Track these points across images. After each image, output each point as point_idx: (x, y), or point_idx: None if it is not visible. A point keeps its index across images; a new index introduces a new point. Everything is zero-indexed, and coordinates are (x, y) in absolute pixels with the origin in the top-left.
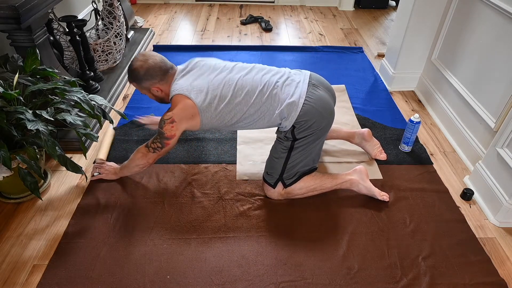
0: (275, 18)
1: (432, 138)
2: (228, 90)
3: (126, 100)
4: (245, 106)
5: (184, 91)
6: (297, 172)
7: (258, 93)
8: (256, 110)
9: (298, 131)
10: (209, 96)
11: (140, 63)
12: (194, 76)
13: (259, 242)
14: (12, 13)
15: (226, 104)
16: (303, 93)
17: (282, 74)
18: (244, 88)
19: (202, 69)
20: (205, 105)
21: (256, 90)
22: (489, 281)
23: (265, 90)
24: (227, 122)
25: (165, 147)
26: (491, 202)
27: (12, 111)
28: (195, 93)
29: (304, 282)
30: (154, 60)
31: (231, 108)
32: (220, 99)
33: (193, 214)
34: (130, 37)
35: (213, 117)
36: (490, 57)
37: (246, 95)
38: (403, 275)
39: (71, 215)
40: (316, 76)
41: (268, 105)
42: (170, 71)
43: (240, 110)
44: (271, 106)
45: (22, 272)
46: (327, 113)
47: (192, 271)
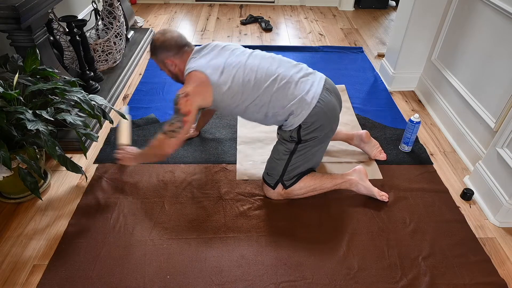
0: (275, 18)
1: (432, 138)
2: (243, 73)
3: (126, 100)
4: (257, 92)
5: (199, 68)
6: (297, 174)
7: (271, 81)
8: (267, 99)
9: (304, 132)
10: (224, 75)
11: (158, 35)
12: (211, 56)
13: (259, 242)
14: (12, 13)
15: (239, 86)
16: (317, 94)
17: (299, 70)
18: (259, 74)
19: (220, 51)
20: (219, 82)
21: (270, 79)
22: (489, 281)
23: (279, 80)
24: (238, 106)
25: (183, 126)
26: (491, 202)
27: (12, 111)
28: (210, 70)
29: (304, 282)
30: (171, 34)
31: (243, 90)
32: (234, 80)
33: (193, 214)
34: (130, 37)
35: (225, 96)
36: (490, 57)
37: (259, 81)
38: (403, 275)
39: (71, 215)
40: (330, 81)
41: (279, 96)
42: (186, 48)
43: (251, 95)
44: (282, 98)
45: (22, 272)
46: (334, 120)
47: (192, 271)
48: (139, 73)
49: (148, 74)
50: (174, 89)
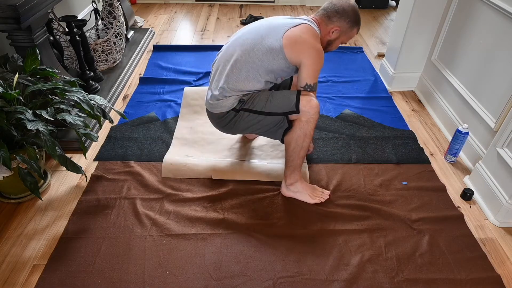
0: None
1: (432, 138)
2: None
3: (126, 100)
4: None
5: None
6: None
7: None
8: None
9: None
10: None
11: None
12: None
13: (258, 238)
14: (12, 13)
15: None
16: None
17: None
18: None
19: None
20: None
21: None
22: (485, 277)
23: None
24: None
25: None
26: (491, 202)
27: (12, 111)
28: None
29: (302, 277)
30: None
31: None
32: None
33: (192, 211)
34: (130, 37)
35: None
36: (490, 57)
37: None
38: (400, 271)
39: (71, 214)
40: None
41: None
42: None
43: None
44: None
45: (22, 272)
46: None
47: (191, 266)
48: (139, 73)
49: (148, 74)
50: (174, 89)
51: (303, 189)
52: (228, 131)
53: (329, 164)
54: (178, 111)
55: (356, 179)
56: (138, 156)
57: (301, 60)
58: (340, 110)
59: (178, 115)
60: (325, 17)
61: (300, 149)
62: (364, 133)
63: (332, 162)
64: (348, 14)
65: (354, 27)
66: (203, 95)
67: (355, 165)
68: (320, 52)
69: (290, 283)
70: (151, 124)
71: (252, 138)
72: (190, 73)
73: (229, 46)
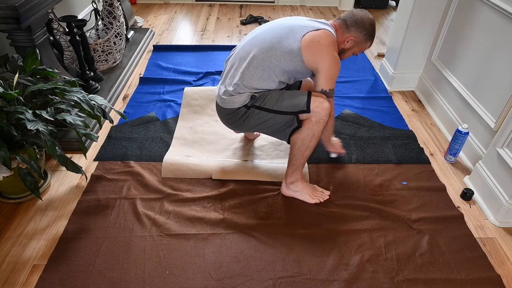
0: (275, 18)
1: (432, 138)
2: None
3: (126, 100)
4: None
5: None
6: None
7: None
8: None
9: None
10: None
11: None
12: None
13: (258, 238)
14: (12, 13)
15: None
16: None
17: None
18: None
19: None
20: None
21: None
22: (485, 276)
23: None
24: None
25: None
26: (491, 202)
27: (12, 111)
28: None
29: (302, 277)
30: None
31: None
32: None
33: (192, 211)
34: (130, 37)
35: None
36: (490, 57)
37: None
38: (400, 271)
39: (71, 214)
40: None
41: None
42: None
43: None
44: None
45: (22, 272)
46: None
47: (191, 266)
48: (139, 73)
49: (148, 74)
50: (174, 89)
51: (303, 188)
52: (236, 128)
53: (329, 164)
54: (178, 111)
55: (356, 179)
56: (138, 156)
57: (317, 65)
58: (340, 110)
59: (178, 115)
60: (344, 25)
61: (305, 149)
62: (364, 133)
63: (332, 162)
64: (366, 27)
65: (368, 40)
66: (203, 95)
67: (355, 165)
68: (336, 60)
69: (290, 283)
70: (151, 124)
71: (253, 138)
72: (190, 73)
73: (246, 44)
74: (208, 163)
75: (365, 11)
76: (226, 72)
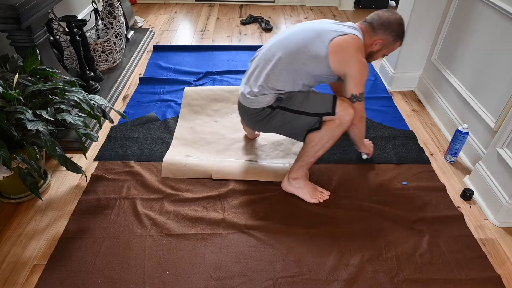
0: (275, 18)
1: (432, 138)
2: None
3: (126, 100)
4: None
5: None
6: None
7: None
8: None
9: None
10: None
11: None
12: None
13: (257, 238)
14: (12, 13)
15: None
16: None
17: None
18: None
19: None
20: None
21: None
22: (485, 277)
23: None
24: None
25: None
26: (491, 202)
27: (12, 111)
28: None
29: (302, 278)
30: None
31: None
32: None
33: (192, 211)
34: (130, 37)
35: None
36: (490, 57)
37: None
38: (400, 271)
39: (71, 214)
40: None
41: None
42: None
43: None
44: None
45: (22, 272)
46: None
47: (191, 266)
48: (139, 73)
49: (148, 74)
50: (174, 89)
51: (305, 186)
52: (258, 128)
53: (329, 164)
54: (178, 111)
55: (356, 179)
56: (138, 156)
57: (345, 71)
58: None
59: (178, 115)
60: (370, 28)
61: (319, 148)
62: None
63: (332, 162)
64: (393, 28)
65: (397, 41)
66: (204, 95)
67: (355, 165)
68: (364, 64)
69: (290, 283)
70: (151, 124)
71: (253, 137)
72: (190, 73)
73: (272, 46)
74: (208, 163)
75: (392, 11)
76: (250, 73)
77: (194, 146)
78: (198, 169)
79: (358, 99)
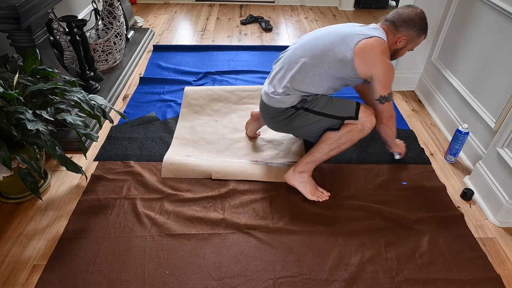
0: (275, 18)
1: (432, 138)
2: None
3: (126, 100)
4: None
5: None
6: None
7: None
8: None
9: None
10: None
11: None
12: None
13: (258, 238)
14: (12, 13)
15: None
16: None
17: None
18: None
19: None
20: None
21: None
22: (485, 277)
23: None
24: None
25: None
26: (491, 202)
27: (12, 111)
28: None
29: (302, 277)
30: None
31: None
32: None
33: (192, 211)
34: (130, 37)
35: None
36: (490, 57)
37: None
38: (400, 271)
39: (71, 214)
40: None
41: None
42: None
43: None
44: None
45: (22, 272)
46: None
47: (191, 266)
48: (139, 73)
49: (148, 74)
50: (174, 89)
51: (308, 182)
52: (278, 128)
53: (329, 164)
54: (178, 111)
55: (356, 179)
56: (138, 156)
57: (371, 73)
58: None
59: (178, 115)
60: (393, 27)
61: (334, 148)
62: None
63: (332, 162)
64: (416, 23)
65: (422, 35)
66: (204, 94)
67: (355, 165)
68: (390, 66)
69: (290, 283)
70: (151, 124)
71: (254, 136)
72: (190, 73)
73: (298, 48)
74: (208, 163)
75: (412, 6)
76: (275, 74)
77: (194, 146)
78: (198, 169)
79: (387, 100)
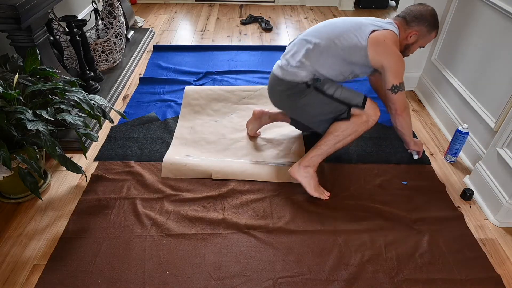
0: (275, 18)
1: (432, 138)
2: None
3: (126, 100)
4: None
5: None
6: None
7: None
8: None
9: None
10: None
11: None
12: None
13: (258, 238)
14: (12, 13)
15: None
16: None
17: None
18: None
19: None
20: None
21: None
22: (485, 277)
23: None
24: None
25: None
26: (491, 202)
27: (12, 111)
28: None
29: (302, 277)
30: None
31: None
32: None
33: (192, 211)
34: (130, 37)
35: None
36: (490, 57)
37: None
38: (400, 271)
39: (71, 214)
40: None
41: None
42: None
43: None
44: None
45: (22, 272)
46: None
47: (191, 266)
48: (139, 73)
49: (148, 74)
50: (174, 89)
51: (312, 178)
52: (284, 102)
53: (329, 164)
54: (178, 111)
55: (356, 179)
56: (138, 156)
57: (382, 62)
58: None
59: (178, 115)
60: (404, 22)
61: (340, 139)
62: (364, 133)
63: (332, 162)
64: (427, 19)
65: (432, 31)
66: (204, 94)
67: (355, 165)
68: (400, 56)
69: (290, 283)
70: (151, 124)
71: (254, 136)
72: (190, 73)
73: (312, 30)
74: (208, 163)
75: (423, 4)
76: (288, 51)
77: (194, 146)
78: (198, 169)
79: (399, 89)
